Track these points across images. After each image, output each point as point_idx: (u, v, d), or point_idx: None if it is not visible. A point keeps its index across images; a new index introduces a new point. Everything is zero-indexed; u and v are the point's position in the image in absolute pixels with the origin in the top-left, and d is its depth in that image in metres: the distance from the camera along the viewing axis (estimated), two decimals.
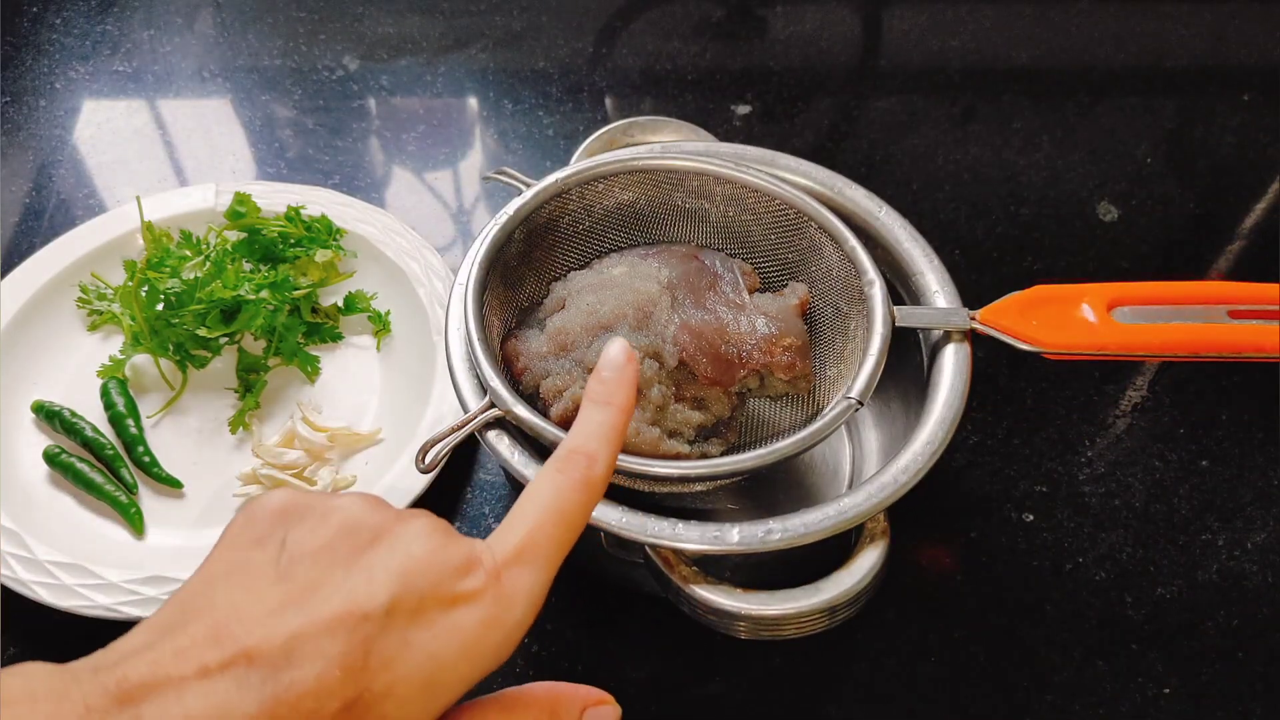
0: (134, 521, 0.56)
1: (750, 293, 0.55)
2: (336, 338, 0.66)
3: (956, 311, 0.50)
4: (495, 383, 0.46)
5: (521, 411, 0.45)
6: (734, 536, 0.42)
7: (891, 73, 0.88)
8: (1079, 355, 0.47)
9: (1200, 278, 0.71)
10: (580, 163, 0.55)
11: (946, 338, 0.50)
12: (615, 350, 0.38)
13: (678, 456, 0.48)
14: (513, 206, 0.52)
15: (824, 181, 0.57)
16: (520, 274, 0.55)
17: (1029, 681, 0.52)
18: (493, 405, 0.47)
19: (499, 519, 0.58)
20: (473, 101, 0.84)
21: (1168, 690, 0.52)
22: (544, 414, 0.47)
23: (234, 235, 0.65)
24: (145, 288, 0.61)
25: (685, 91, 0.84)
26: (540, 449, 0.47)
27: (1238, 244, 0.73)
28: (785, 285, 0.57)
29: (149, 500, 0.58)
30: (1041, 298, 0.50)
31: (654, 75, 0.85)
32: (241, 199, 0.66)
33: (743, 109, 0.82)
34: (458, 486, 0.60)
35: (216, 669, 0.27)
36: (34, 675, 0.27)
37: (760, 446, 0.46)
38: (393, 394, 0.63)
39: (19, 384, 0.62)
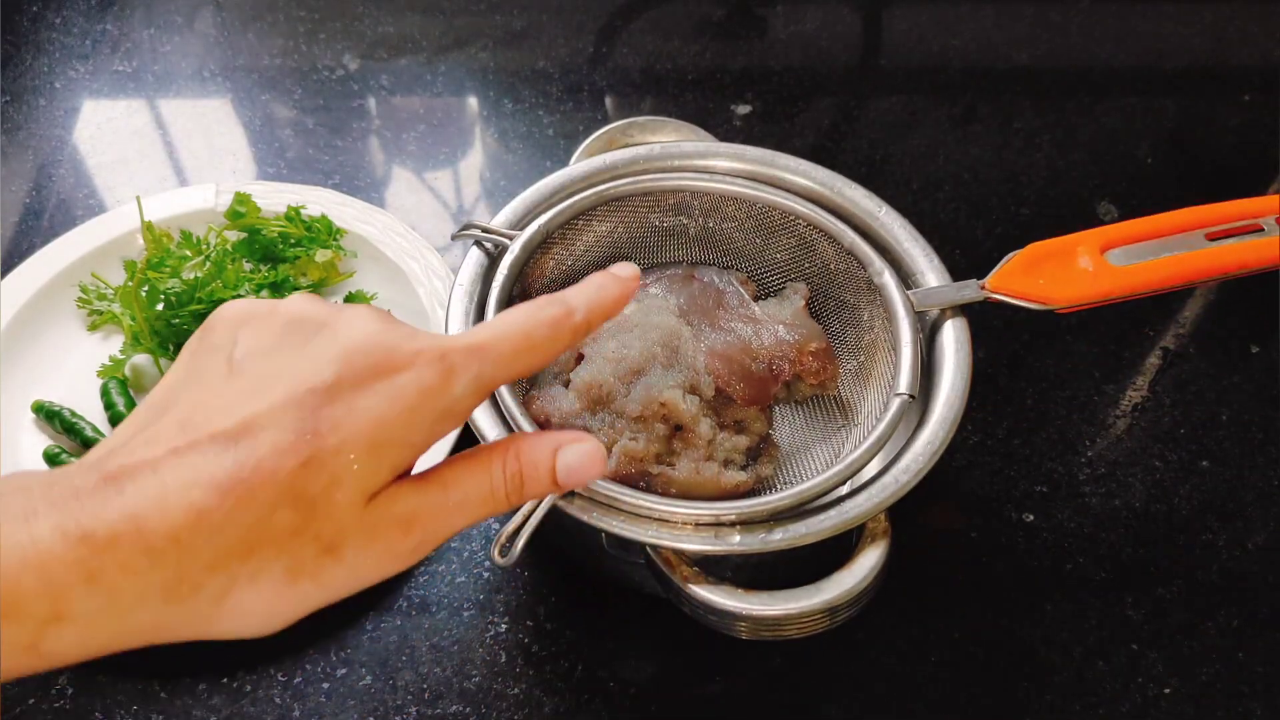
0: None
1: (754, 301, 0.55)
2: None
3: (967, 285, 0.51)
4: None
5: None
6: (735, 538, 0.43)
7: (892, 72, 0.88)
8: (1088, 304, 0.49)
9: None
10: (555, 208, 0.54)
11: (939, 324, 0.51)
12: (626, 267, 0.40)
13: (737, 489, 0.48)
14: (505, 264, 0.51)
15: (823, 181, 0.57)
16: None
17: (1029, 681, 0.52)
18: None
19: (499, 519, 0.58)
20: (473, 101, 0.83)
21: (1168, 690, 0.52)
22: None
23: (234, 235, 0.65)
24: (145, 288, 0.61)
25: (685, 91, 0.84)
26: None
27: None
28: (783, 287, 0.57)
29: None
30: (1040, 255, 0.51)
31: (654, 75, 0.85)
32: (241, 199, 0.66)
33: (743, 109, 0.82)
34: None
35: (185, 448, 0.30)
36: (27, 473, 0.31)
37: (808, 465, 0.48)
38: None
39: (19, 384, 0.62)
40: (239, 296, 0.60)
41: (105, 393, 0.61)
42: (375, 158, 0.79)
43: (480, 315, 0.50)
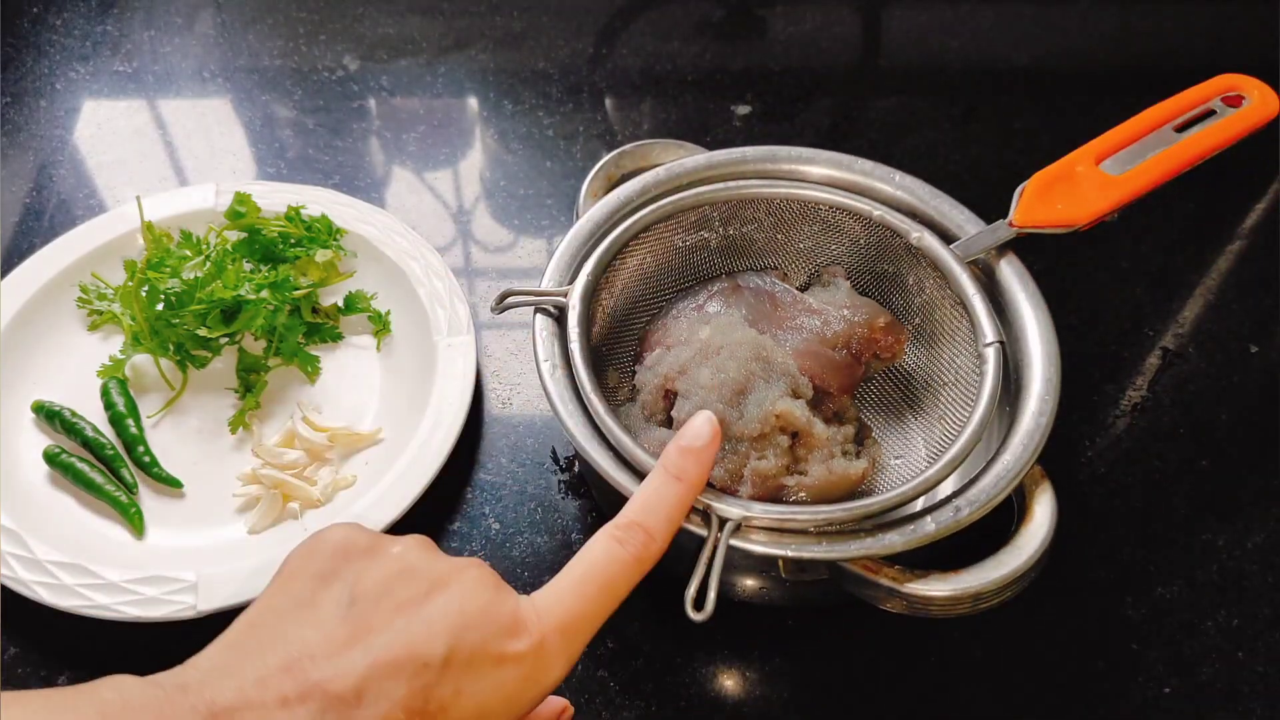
0: (134, 521, 0.56)
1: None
2: (336, 338, 0.66)
3: (999, 226, 0.53)
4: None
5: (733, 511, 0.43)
6: (931, 526, 0.43)
7: (891, 73, 0.88)
8: (1106, 214, 0.53)
9: (1201, 277, 0.71)
10: (595, 255, 0.53)
11: (987, 268, 0.53)
12: (700, 423, 0.40)
13: (864, 477, 0.49)
14: (574, 323, 0.50)
15: (834, 161, 0.57)
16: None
17: (1029, 681, 0.52)
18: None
19: (499, 519, 0.58)
20: (473, 101, 0.84)
21: (1168, 690, 0.52)
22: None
23: (234, 235, 0.65)
24: (145, 288, 0.61)
25: (685, 92, 0.84)
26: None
27: (1238, 244, 0.73)
28: (819, 274, 0.58)
29: (149, 500, 0.58)
30: (1046, 182, 0.54)
31: (654, 75, 0.85)
32: (241, 199, 0.66)
33: (743, 109, 0.82)
34: (458, 486, 0.60)
35: (295, 700, 0.30)
36: (128, 688, 0.30)
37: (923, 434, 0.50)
38: (393, 394, 0.63)
39: (19, 384, 0.62)
40: (239, 296, 0.60)
41: (105, 393, 0.61)
42: (375, 158, 0.79)
43: (573, 382, 0.49)
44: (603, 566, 0.37)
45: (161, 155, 0.78)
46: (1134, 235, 0.73)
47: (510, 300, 0.51)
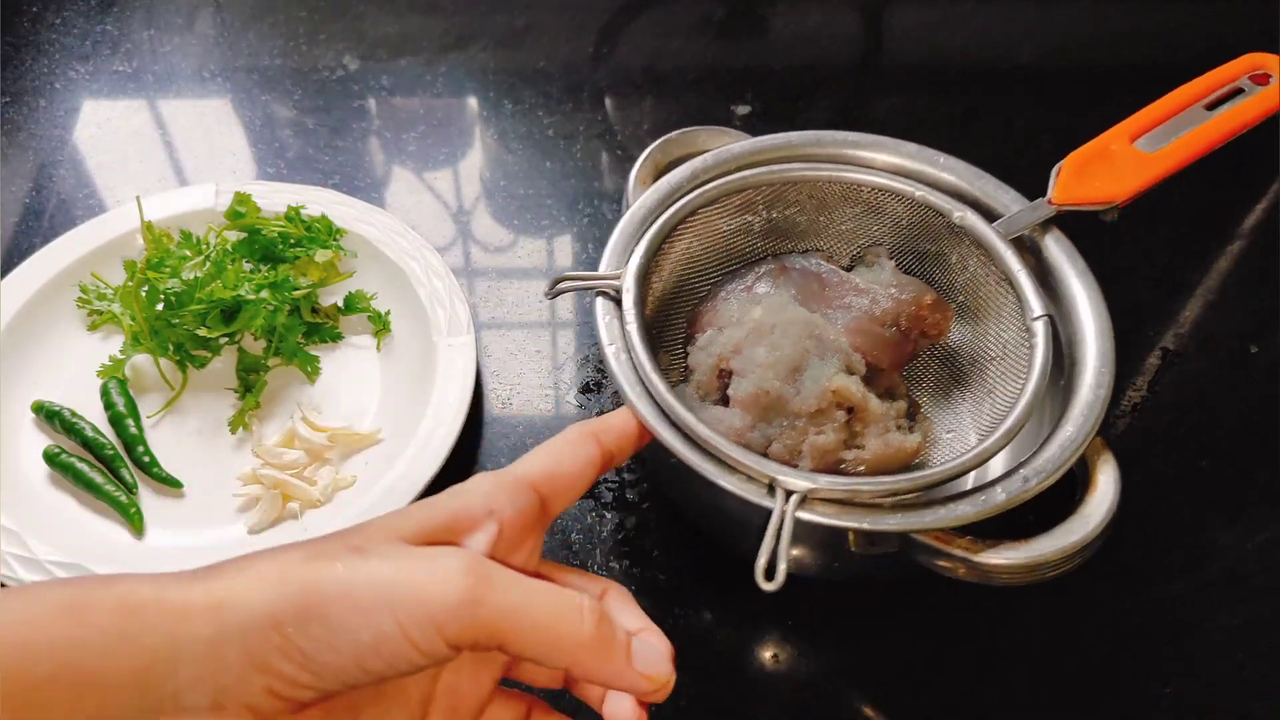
0: (134, 521, 0.56)
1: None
2: (336, 338, 0.66)
3: (1039, 204, 0.54)
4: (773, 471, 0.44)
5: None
6: (1001, 495, 0.44)
7: (892, 72, 0.88)
8: (1143, 190, 0.54)
9: (1202, 277, 0.71)
10: (645, 239, 0.54)
11: (1030, 244, 0.54)
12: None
13: (918, 451, 0.50)
14: (629, 304, 0.51)
15: (879, 144, 0.58)
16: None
17: (1030, 681, 0.52)
18: None
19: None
20: (473, 101, 0.83)
21: (1168, 690, 0.52)
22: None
23: (234, 235, 0.65)
24: (145, 288, 0.61)
25: (686, 91, 0.84)
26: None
27: (1238, 244, 0.73)
28: (862, 255, 0.59)
29: (149, 500, 0.58)
30: (1082, 161, 0.55)
31: (654, 74, 0.85)
32: (241, 199, 0.66)
33: (743, 109, 0.82)
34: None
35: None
36: (142, 582, 0.33)
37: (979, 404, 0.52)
38: (392, 394, 0.63)
39: (19, 384, 0.62)
40: (239, 297, 0.60)
41: (105, 393, 0.61)
42: (375, 158, 0.79)
43: (633, 365, 0.49)
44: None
45: (161, 155, 0.78)
46: (1134, 235, 0.73)
47: (564, 286, 0.52)
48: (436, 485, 0.56)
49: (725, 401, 0.52)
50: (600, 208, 0.75)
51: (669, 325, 0.59)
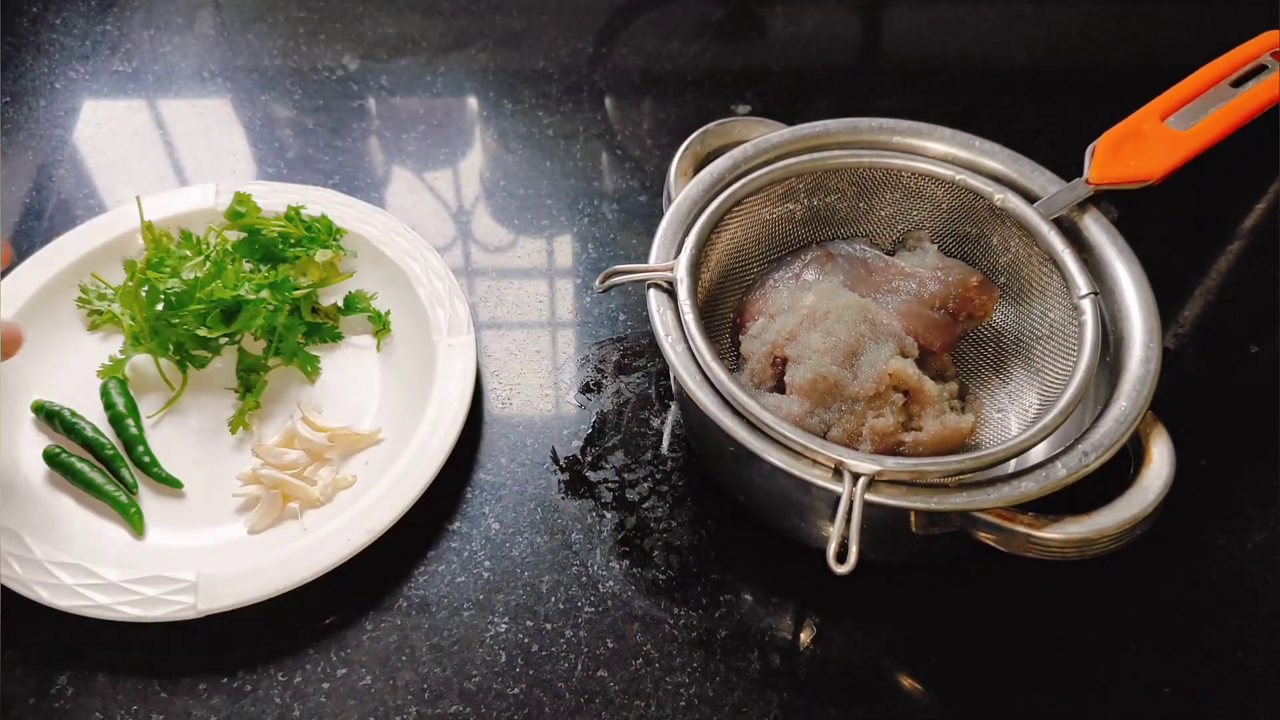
0: (134, 521, 0.56)
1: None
2: (336, 338, 0.66)
3: (1076, 184, 0.56)
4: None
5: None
6: (1061, 471, 0.45)
7: (891, 73, 0.88)
8: (1177, 167, 0.56)
9: (1202, 277, 0.71)
10: (694, 230, 0.55)
11: (1068, 224, 0.55)
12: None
13: (973, 431, 0.52)
14: (684, 295, 0.51)
15: (914, 130, 0.59)
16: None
17: (1029, 681, 0.52)
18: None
19: (499, 519, 0.58)
20: (473, 101, 0.83)
21: (1168, 690, 0.52)
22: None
23: (234, 235, 0.65)
24: (145, 288, 0.61)
25: (685, 92, 0.84)
26: None
27: (1238, 244, 0.73)
28: (904, 239, 0.60)
29: (149, 500, 0.58)
30: (1115, 141, 0.56)
31: (654, 75, 0.85)
32: (241, 199, 0.66)
33: (743, 109, 0.82)
34: (458, 486, 0.60)
35: None
36: None
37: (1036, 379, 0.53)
38: (393, 394, 0.63)
39: (19, 384, 0.62)
40: (239, 296, 0.60)
41: (105, 392, 0.61)
42: (375, 158, 0.79)
43: (691, 354, 0.50)
44: None
45: (161, 155, 0.78)
46: (1134, 235, 0.72)
47: (615, 280, 0.52)
48: (436, 485, 0.56)
49: (780, 389, 0.53)
50: (600, 208, 0.75)
51: (715, 314, 0.59)
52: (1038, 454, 0.48)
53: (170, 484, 0.58)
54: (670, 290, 0.52)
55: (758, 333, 0.55)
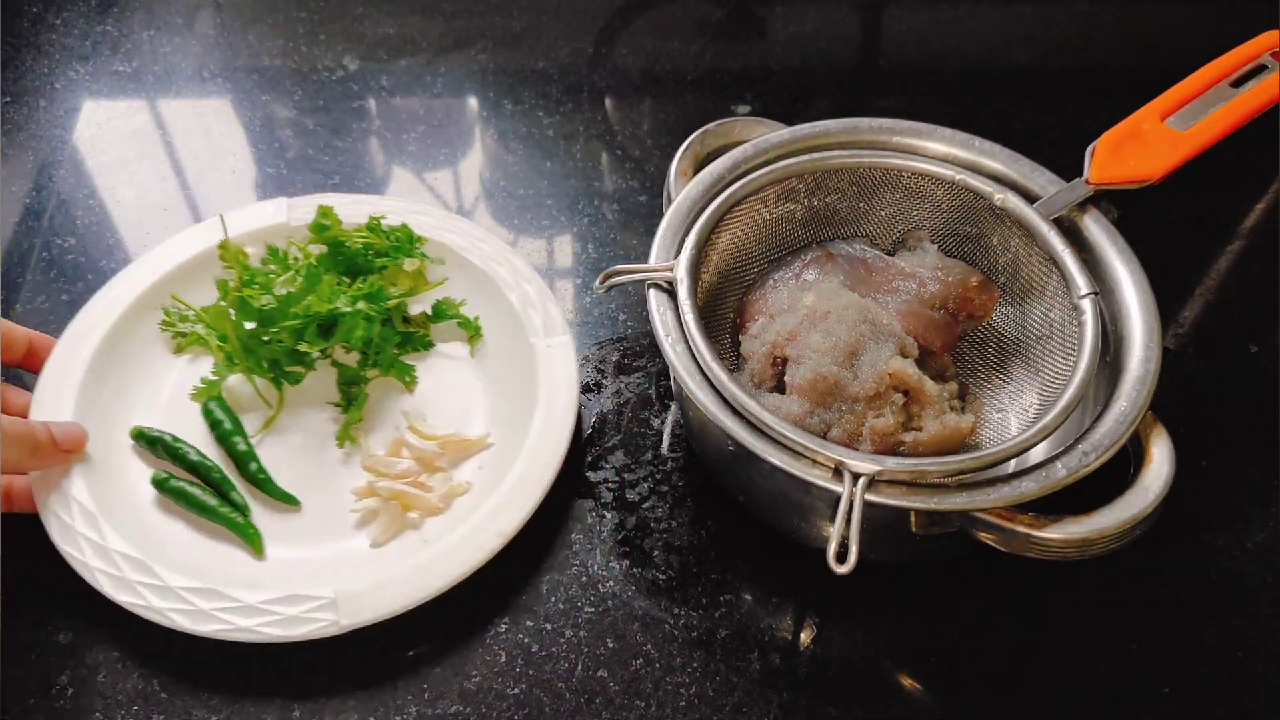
0: (253, 542, 0.55)
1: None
2: (427, 346, 0.65)
3: (1076, 185, 0.56)
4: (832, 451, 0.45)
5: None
6: (1061, 471, 0.45)
7: (891, 73, 0.88)
8: (1177, 167, 0.56)
9: (1202, 277, 0.71)
10: (694, 230, 0.55)
11: (1068, 224, 0.55)
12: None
13: (972, 431, 0.51)
14: (684, 295, 0.51)
15: (914, 130, 0.59)
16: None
17: (1029, 681, 0.52)
18: None
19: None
20: (473, 101, 0.84)
21: (1168, 690, 0.52)
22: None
23: (315, 249, 0.64)
24: (237, 307, 0.59)
25: (685, 92, 0.84)
26: None
27: (1238, 244, 0.73)
28: (904, 239, 0.60)
29: (261, 519, 0.57)
30: (1115, 141, 0.56)
31: (654, 75, 0.85)
32: (325, 212, 0.64)
33: (742, 109, 0.82)
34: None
35: None
36: None
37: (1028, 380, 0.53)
38: (495, 398, 0.62)
39: (116, 411, 0.60)
40: (335, 310, 0.59)
41: (208, 411, 0.60)
42: (375, 158, 0.79)
43: (691, 354, 0.50)
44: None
45: (161, 155, 0.78)
46: (1133, 235, 0.72)
47: (615, 280, 0.52)
48: (556, 483, 0.55)
49: (780, 389, 0.53)
50: (600, 208, 0.75)
51: (715, 314, 0.59)
52: (1038, 454, 0.48)
53: (287, 501, 0.57)
54: (670, 290, 0.52)
55: (758, 333, 0.55)
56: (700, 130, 0.61)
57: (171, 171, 0.77)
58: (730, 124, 0.62)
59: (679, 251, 0.54)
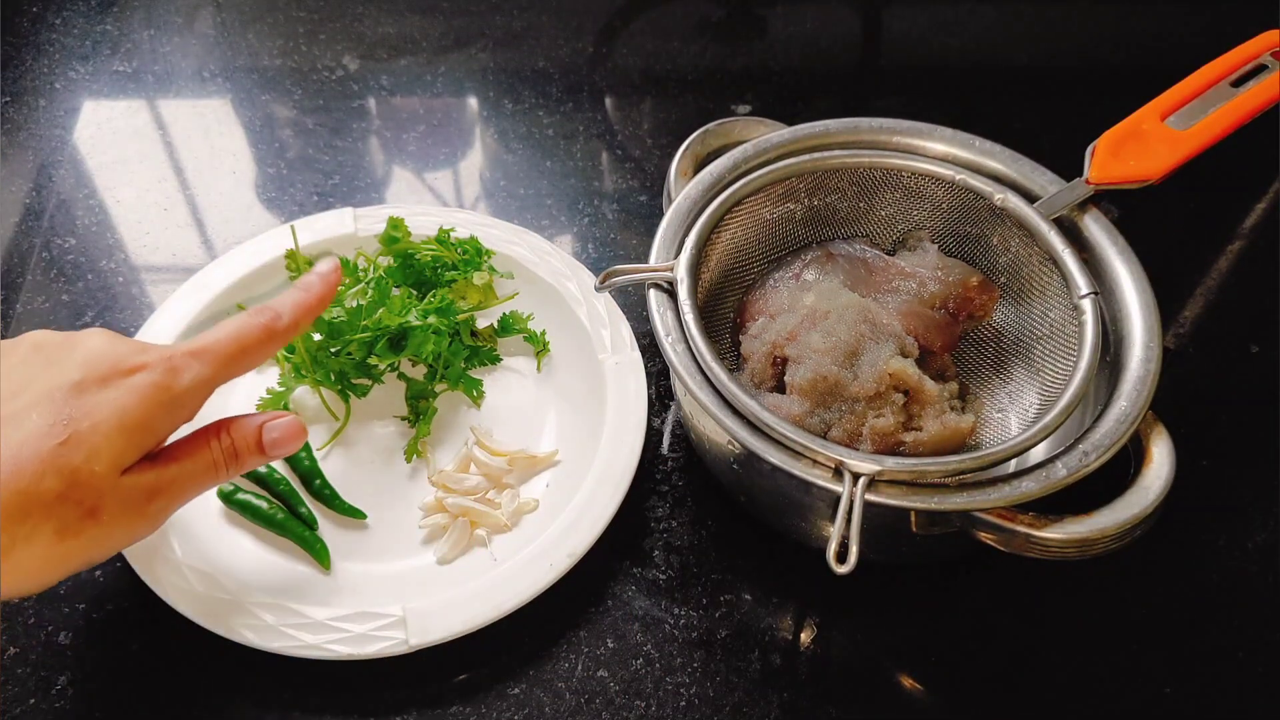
0: (320, 557, 0.54)
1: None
2: (495, 360, 0.64)
3: (1076, 184, 0.56)
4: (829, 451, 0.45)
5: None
6: (1061, 471, 0.45)
7: (891, 73, 0.88)
8: (1177, 167, 0.56)
9: (1202, 277, 0.71)
10: (694, 230, 0.55)
11: (1068, 224, 0.55)
12: (327, 263, 0.51)
13: (973, 432, 0.51)
14: (684, 295, 0.51)
15: (915, 130, 0.59)
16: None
17: (1029, 681, 0.52)
18: None
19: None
20: (473, 101, 0.84)
21: (1168, 690, 0.52)
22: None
23: (384, 261, 0.64)
24: None
25: (685, 91, 0.84)
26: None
27: (1238, 244, 0.73)
28: (904, 239, 0.60)
29: (329, 534, 0.56)
30: (1116, 140, 0.57)
31: (654, 75, 0.85)
32: (395, 223, 0.64)
33: (743, 109, 0.82)
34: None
35: None
36: None
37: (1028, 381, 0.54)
38: (563, 414, 0.62)
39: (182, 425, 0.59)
40: (405, 323, 0.58)
41: None
42: (375, 158, 0.79)
43: (691, 354, 0.50)
44: (235, 326, 0.46)
45: (161, 155, 0.78)
46: (1133, 235, 0.72)
47: (615, 280, 0.52)
48: (626, 502, 0.55)
49: (780, 389, 0.53)
50: (600, 208, 0.75)
51: (715, 314, 0.59)
52: (1038, 454, 0.48)
53: (354, 515, 0.56)
54: (670, 290, 0.52)
55: (758, 333, 0.55)
56: (700, 130, 0.61)
57: (171, 171, 0.77)
58: (730, 124, 0.62)
59: (679, 251, 0.54)
